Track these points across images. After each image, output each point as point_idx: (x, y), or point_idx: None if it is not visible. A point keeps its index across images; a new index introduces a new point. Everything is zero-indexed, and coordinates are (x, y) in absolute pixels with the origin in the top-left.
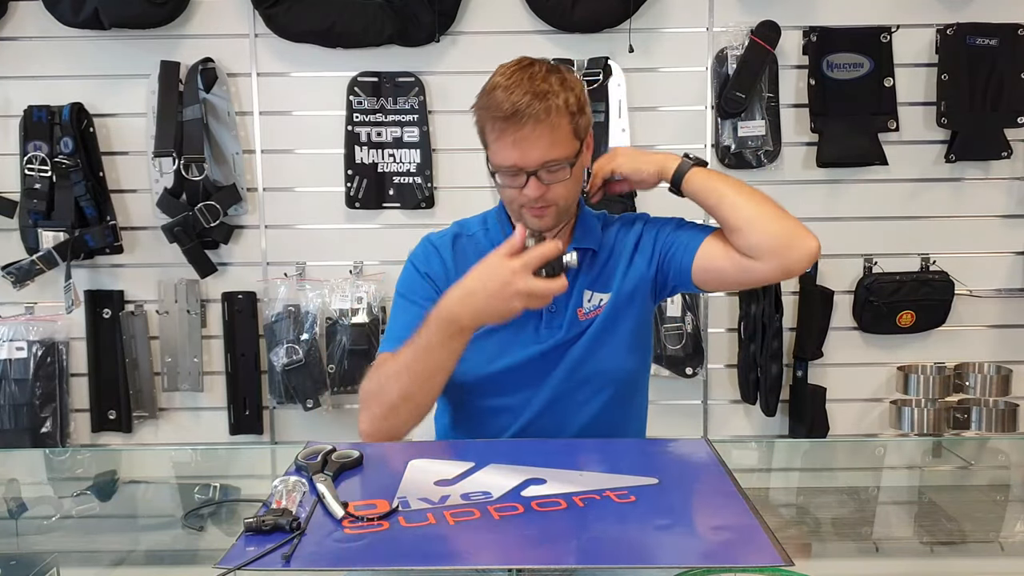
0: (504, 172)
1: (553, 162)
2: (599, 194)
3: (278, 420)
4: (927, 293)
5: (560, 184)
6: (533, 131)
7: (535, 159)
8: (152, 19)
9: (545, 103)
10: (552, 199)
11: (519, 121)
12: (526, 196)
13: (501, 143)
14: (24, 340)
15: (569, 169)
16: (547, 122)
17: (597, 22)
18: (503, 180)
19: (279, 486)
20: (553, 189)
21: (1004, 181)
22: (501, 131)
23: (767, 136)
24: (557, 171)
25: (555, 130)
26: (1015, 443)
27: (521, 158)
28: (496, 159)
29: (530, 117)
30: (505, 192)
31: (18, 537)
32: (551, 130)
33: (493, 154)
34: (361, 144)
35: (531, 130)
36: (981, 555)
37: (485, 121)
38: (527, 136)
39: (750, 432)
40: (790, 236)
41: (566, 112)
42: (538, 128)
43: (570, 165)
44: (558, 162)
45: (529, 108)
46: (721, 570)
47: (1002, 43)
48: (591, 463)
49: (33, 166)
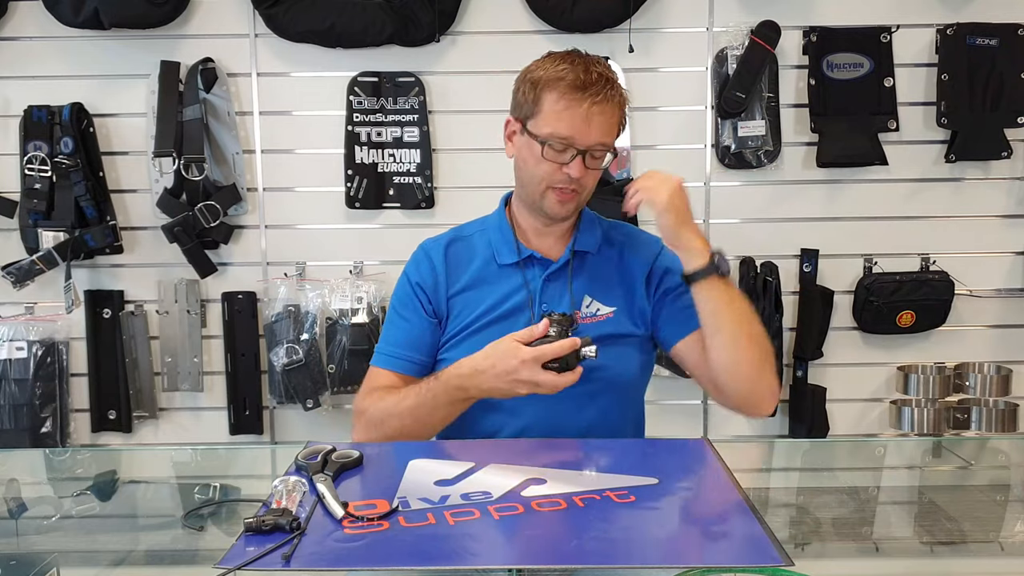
0: (554, 144)
1: (605, 146)
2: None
3: (278, 420)
4: (927, 293)
5: (593, 173)
6: (602, 109)
7: (594, 137)
8: (152, 19)
9: (614, 88)
10: (582, 185)
11: (596, 95)
12: (564, 174)
13: (567, 113)
14: (24, 340)
15: (608, 157)
16: (614, 104)
17: (597, 22)
18: (548, 153)
19: (279, 486)
20: (588, 175)
21: (1004, 181)
22: (572, 100)
23: (767, 136)
24: (600, 157)
25: (614, 116)
26: (1015, 443)
27: (582, 132)
28: (552, 127)
29: (605, 97)
30: (540, 167)
31: (18, 537)
32: (613, 114)
33: (547, 122)
34: (361, 144)
35: (600, 108)
36: (981, 555)
37: (552, 87)
38: (596, 112)
39: (750, 432)
40: (754, 401)
41: (621, 106)
42: (606, 106)
43: (613, 155)
44: (607, 148)
45: (605, 86)
46: (721, 570)
47: (1002, 43)
48: (591, 463)
49: (33, 166)
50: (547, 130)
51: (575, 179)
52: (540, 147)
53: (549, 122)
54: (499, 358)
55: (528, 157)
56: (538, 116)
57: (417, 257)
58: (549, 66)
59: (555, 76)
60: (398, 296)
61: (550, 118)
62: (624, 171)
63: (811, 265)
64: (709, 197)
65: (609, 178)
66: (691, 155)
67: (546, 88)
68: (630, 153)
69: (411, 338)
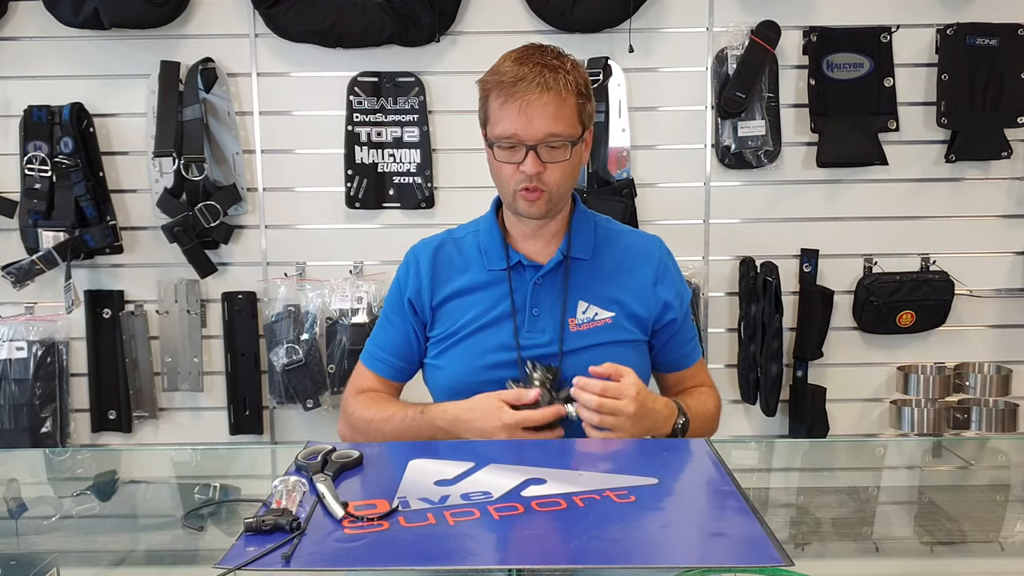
0: (503, 144)
1: (555, 136)
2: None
3: (278, 420)
4: (927, 293)
5: (557, 166)
6: (540, 98)
7: (538, 129)
8: (152, 19)
9: (555, 74)
10: (547, 182)
11: (527, 86)
12: (522, 173)
13: (505, 110)
14: (24, 340)
15: (570, 149)
16: (555, 91)
17: (597, 22)
18: (500, 155)
19: (279, 486)
20: (550, 170)
21: (1004, 181)
22: (507, 96)
23: (767, 136)
24: (557, 148)
25: (562, 103)
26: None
27: (524, 127)
28: (497, 129)
29: (538, 84)
30: (501, 171)
31: (18, 537)
32: (558, 101)
33: (494, 125)
34: (361, 144)
35: (537, 96)
36: (981, 555)
37: (491, 88)
38: (533, 103)
39: (750, 432)
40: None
41: (574, 90)
42: (545, 96)
43: (571, 144)
44: (560, 137)
45: (540, 75)
46: (721, 570)
47: (1002, 43)
48: (591, 463)
49: (33, 166)
50: (497, 131)
51: (535, 175)
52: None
53: (497, 122)
54: (482, 414)
55: (492, 164)
56: (489, 121)
57: (406, 261)
58: (494, 69)
59: (494, 78)
60: (388, 299)
61: (495, 120)
62: (624, 171)
63: (811, 265)
64: (709, 197)
65: (609, 178)
66: (691, 155)
67: (490, 93)
68: (630, 153)
69: (395, 344)
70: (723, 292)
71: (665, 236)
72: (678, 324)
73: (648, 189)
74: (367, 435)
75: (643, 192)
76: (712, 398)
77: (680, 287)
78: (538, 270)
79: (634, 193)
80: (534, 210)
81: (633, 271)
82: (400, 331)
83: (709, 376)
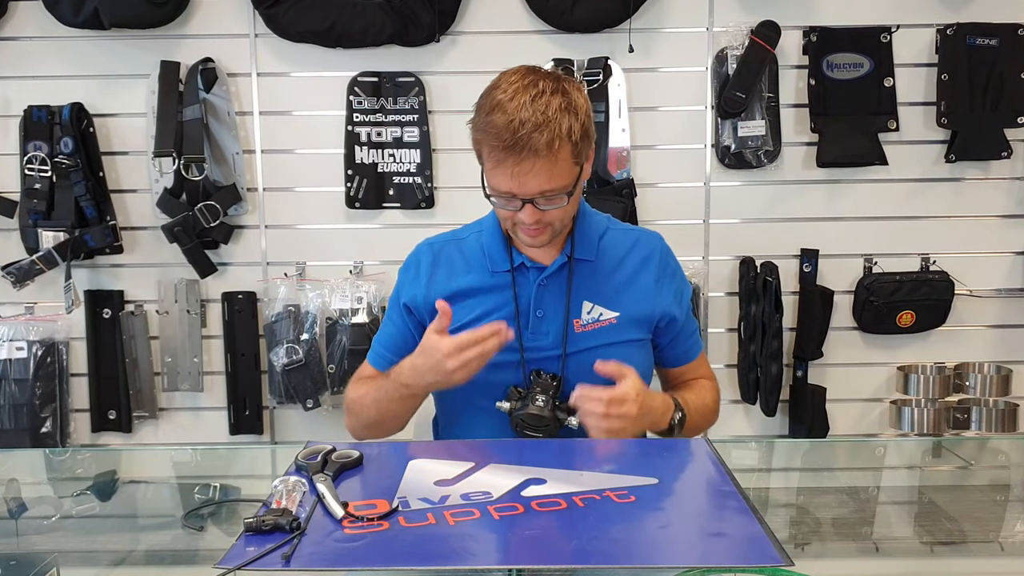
0: (500, 196)
1: (549, 192)
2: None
3: (278, 420)
4: (927, 293)
5: (555, 210)
6: (533, 165)
7: (532, 189)
8: (152, 19)
9: (547, 135)
10: (548, 221)
11: (518, 153)
12: (521, 219)
13: (498, 171)
14: (24, 340)
15: (567, 197)
16: (547, 156)
17: (597, 22)
18: (497, 202)
19: (279, 486)
20: (549, 213)
21: (1004, 181)
22: (499, 160)
23: (767, 136)
24: (554, 198)
25: (555, 164)
26: (1015, 443)
27: (519, 187)
28: (492, 183)
29: (530, 151)
30: (500, 211)
31: (18, 537)
32: (551, 164)
33: (489, 178)
34: (361, 144)
35: (531, 164)
36: (981, 555)
37: (483, 145)
38: (526, 170)
39: (750, 432)
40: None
41: (568, 142)
42: (538, 163)
43: (568, 195)
44: (555, 192)
45: (530, 141)
46: (721, 570)
47: (1002, 43)
48: (591, 463)
49: (33, 166)
50: (491, 184)
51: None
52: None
53: (491, 177)
54: (426, 354)
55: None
56: (484, 171)
57: (407, 263)
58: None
59: (485, 129)
60: (391, 297)
61: (489, 175)
62: (624, 171)
63: (811, 265)
64: (709, 197)
65: (609, 178)
66: (691, 155)
67: (480, 144)
68: (630, 153)
69: (394, 341)
70: (723, 292)
71: (665, 236)
72: (680, 322)
73: (648, 189)
74: (359, 415)
75: (643, 192)
76: (711, 390)
77: (681, 284)
78: (542, 271)
79: (634, 193)
80: (538, 242)
81: (636, 270)
82: (399, 328)
83: (709, 368)
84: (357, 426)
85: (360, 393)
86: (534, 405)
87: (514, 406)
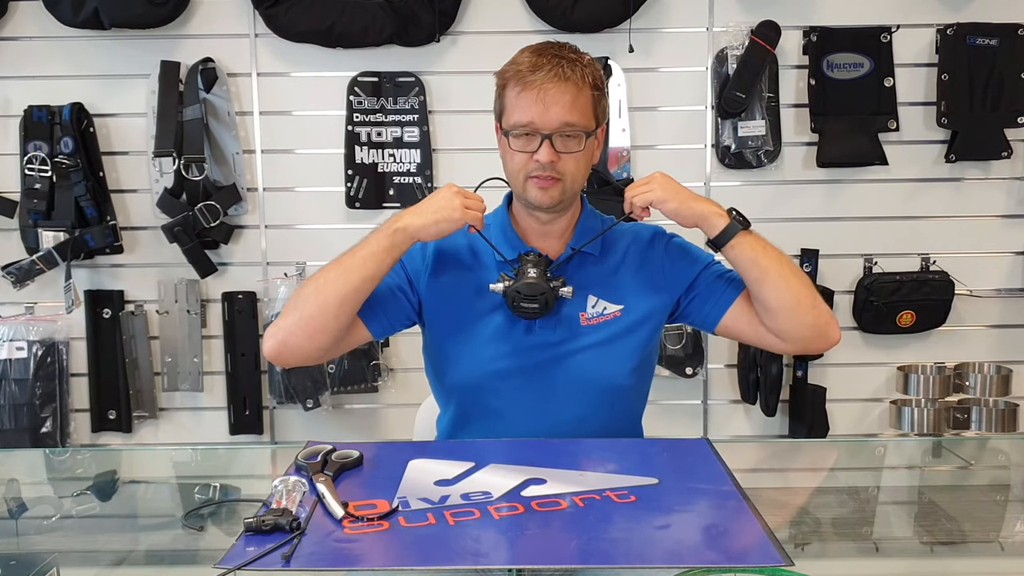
0: (518, 133)
1: (570, 126)
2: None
3: (278, 420)
4: (927, 293)
5: (571, 156)
6: (557, 87)
7: (554, 117)
8: (152, 19)
9: (572, 65)
10: (561, 171)
11: (545, 75)
12: (536, 161)
13: (522, 99)
14: (24, 340)
15: (584, 140)
16: (573, 80)
17: (597, 22)
18: (516, 144)
19: (279, 486)
20: (564, 160)
21: (1004, 181)
22: (524, 85)
23: (767, 136)
24: (572, 138)
25: (578, 93)
26: (1015, 443)
27: (541, 115)
28: (513, 118)
29: (556, 74)
30: (515, 159)
31: (18, 537)
32: (575, 91)
33: (510, 114)
34: (361, 144)
35: (555, 85)
36: (981, 555)
37: (508, 78)
38: (550, 91)
39: (750, 432)
40: (822, 328)
41: (591, 82)
42: (562, 84)
43: (586, 135)
44: (575, 127)
45: (558, 66)
46: (721, 570)
47: (1002, 43)
48: (591, 463)
49: (33, 166)
50: (512, 119)
51: (549, 164)
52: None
53: (513, 111)
54: (436, 194)
55: (505, 153)
56: (505, 111)
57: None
58: (512, 61)
59: (512, 68)
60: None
61: (511, 109)
62: (625, 165)
63: (811, 265)
64: (709, 197)
65: (609, 178)
66: (691, 155)
67: (507, 83)
68: (630, 153)
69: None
70: None
71: None
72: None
73: None
74: (301, 294)
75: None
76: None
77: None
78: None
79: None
80: (546, 198)
81: (639, 262)
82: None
83: None
84: (288, 325)
85: (317, 274)
86: (527, 277)
87: (508, 284)
